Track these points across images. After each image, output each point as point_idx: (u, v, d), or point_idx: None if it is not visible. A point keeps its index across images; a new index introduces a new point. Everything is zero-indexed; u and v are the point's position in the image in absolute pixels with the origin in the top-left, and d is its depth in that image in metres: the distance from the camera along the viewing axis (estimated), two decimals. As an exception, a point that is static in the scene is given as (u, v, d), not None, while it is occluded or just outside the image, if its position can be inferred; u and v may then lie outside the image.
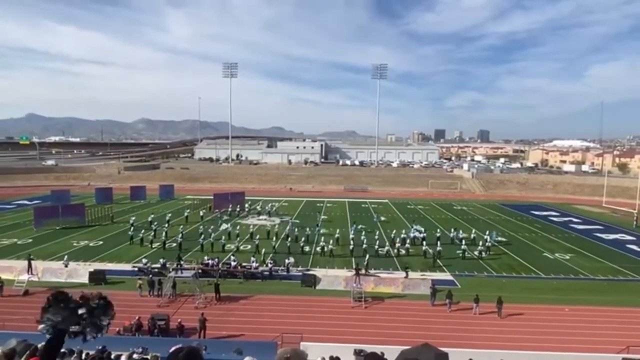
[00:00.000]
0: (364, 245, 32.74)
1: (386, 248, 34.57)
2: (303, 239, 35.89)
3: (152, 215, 43.33)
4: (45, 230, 39.12)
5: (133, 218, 41.12)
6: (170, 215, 43.73)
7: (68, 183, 74.81)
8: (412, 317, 21.79)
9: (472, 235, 37.33)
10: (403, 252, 33.07)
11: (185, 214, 46.07)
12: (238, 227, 39.93)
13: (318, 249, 33.27)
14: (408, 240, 35.44)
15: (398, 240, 34.47)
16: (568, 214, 53.88)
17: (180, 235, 34.50)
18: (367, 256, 29.28)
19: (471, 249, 33.27)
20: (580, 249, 35.81)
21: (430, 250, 32.00)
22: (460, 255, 32.19)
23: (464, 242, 33.88)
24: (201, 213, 46.51)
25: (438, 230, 38.72)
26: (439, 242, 34.32)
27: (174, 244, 33.61)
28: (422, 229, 39.31)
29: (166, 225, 39.36)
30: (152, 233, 36.23)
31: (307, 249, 33.44)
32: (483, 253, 32.73)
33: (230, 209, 49.64)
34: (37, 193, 64.23)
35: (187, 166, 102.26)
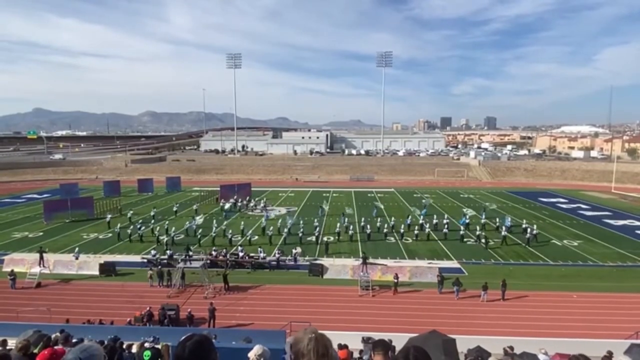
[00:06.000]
0: (369, 231, 34.31)
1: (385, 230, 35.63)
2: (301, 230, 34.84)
3: (131, 212, 41.95)
4: (55, 224, 39.63)
5: (109, 216, 39.70)
6: (155, 210, 42.93)
7: (76, 176, 75.48)
8: (420, 304, 21.90)
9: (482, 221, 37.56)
10: (410, 240, 33.27)
11: (175, 208, 44.66)
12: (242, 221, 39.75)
13: (340, 237, 34.08)
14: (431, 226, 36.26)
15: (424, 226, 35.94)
16: (576, 201, 53.42)
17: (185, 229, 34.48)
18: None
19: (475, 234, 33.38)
20: (588, 235, 35.56)
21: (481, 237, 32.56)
22: (502, 242, 32.53)
23: (504, 228, 34.24)
24: (195, 206, 44.85)
25: (483, 216, 39.38)
26: (477, 228, 35.07)
27: (181, 236, 33.78)
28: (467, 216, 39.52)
29: (152, 221, 38.58)
30: (141, 228, 34.52)
31: (311, 239, 33.42)
32: (529, 241, 32.35)
33: (230, 202, 47.96)
34: (46, 187, 65.00)
35: (193, 158, 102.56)
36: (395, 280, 23.42)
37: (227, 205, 39.05)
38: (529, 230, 33.42)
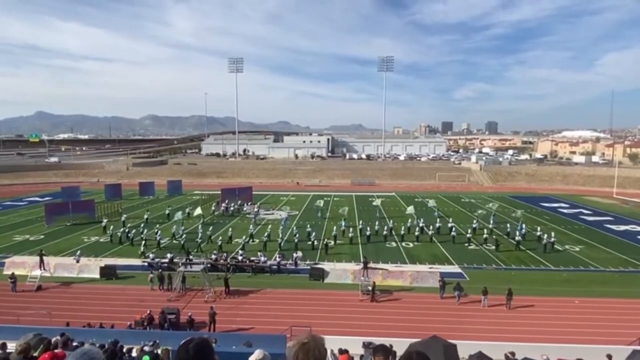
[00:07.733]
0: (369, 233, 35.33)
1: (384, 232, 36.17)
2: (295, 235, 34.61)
3: (124, 216, 41.06)
4: (57, 227, 39.66)
5: (105, 220, 39.47)
6: (148, 214, 42.80)
7: (78, 179, 75.72)
8: (421, 309, 21.81)
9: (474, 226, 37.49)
10: (410, 245, 33.27)
11: (167, 211, 44.47)
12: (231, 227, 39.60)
13: (340, 240, 34.48)
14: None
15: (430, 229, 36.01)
16: (578, 206, 53.30)
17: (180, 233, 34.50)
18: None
19: (478, 241, 33.35)
20: (590, 240, 35.45)
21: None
22: (516, 247, 32.41)
23: (517, 233, 33.96)
24: (187, 210, 44.34)
25: (491, 221, 39.49)
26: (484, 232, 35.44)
27: (175, 241, 33.76)
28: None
29: (142, 224, 38.71)
30: (131, 232, 34.86)
31: (315, 242, 33.34)
32: (546, 248, 31.88)
33: (225, 206, 47.93)
34: (48, 190, 65.11)
35: (194, 162, 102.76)
36: (370, 287, 23.13)
37: (197, 211, 38.60)
38: (545, 237, 32.83)
